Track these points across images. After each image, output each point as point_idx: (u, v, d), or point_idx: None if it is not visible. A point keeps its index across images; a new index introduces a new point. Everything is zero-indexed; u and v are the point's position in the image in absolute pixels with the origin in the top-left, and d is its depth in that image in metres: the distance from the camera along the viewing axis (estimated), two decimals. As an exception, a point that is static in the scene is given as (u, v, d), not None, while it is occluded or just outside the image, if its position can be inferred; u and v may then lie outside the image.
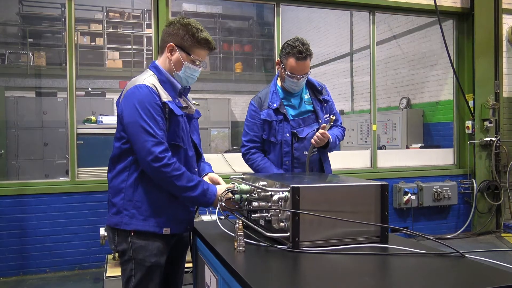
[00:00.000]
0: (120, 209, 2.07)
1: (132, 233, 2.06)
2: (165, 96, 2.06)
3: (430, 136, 7.31)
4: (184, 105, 2.18)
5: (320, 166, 2.88)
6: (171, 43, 2.10)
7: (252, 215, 1.94)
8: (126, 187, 2.07)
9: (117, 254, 2.14)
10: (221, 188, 2.10)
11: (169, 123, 2.06)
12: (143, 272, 2.07)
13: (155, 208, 2.07)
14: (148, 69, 2.18)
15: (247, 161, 2.91)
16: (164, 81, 2.12)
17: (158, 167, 1.94)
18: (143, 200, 2.06)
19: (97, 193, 4.75)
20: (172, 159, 1.98)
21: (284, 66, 2.74)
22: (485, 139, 6.24)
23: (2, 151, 7.54)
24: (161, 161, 1.94)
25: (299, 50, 2.64)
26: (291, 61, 2.68)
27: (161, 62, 2.17)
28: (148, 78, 2.07)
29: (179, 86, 2.16)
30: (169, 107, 2.05)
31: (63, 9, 9.24)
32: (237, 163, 5.35)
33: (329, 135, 2.73)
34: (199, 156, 2.33)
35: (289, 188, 1.75)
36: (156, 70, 2.15)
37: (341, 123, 3.07)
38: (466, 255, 1.66)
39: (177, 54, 2.10)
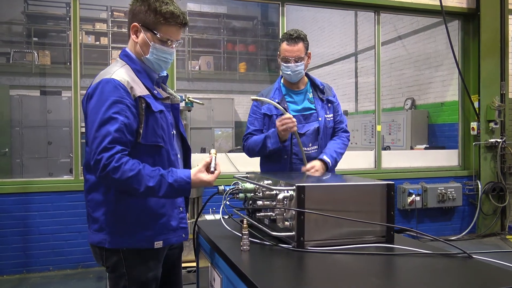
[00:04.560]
0: (103, 225, 1.81)
1: (124, 249, 1.81)
2: (139, 90, 1.79)
3: (435, 137, 7.27)
4: (165, 96, 1.93)
5: None
6: (135, 23, 1.85)
7: (257, 214, 1.93)
8: (108, 201, 1.80)
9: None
10: (197, 170, 1.81)
11: (146, 121, 1.79)
12: (138, 287, 1.85)
13: (143, 221, 1.83)
14: (118, 59, 1.91)
15: (244, 149, 2.91)
16: (139, 71, 1.86)
17: (105, 174, 1.65)
18: (128, 213, 1.80)
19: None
20: (123, 159, 1.67)
21: (280, 53, 2.80)
22: (490, 140, 6.20)
23: (7, 150, 7.57)
24: (106, 168, 1.64)
25: (290, 33, 2.74)
26: (283, 45, 2.76)
27: (130, 47, 1.91)
28: (118, 71, 1.80)
29: (155, 76, 1.92)
30: (146, 101, 1.79)
31: (68, 8, 9.27)
32: (241, 163, 5.35)
33: (328, 159, 2.70)
34: (187, 149, 2.09)
35: (294, 187, 1.74)
36: (128, 59, 1.88)
37: (346, 125, 3.05)
38: (473, 256, 1.64)
39: (142, 35, 1.84)
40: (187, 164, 2.08)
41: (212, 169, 1.82)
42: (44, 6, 9.87)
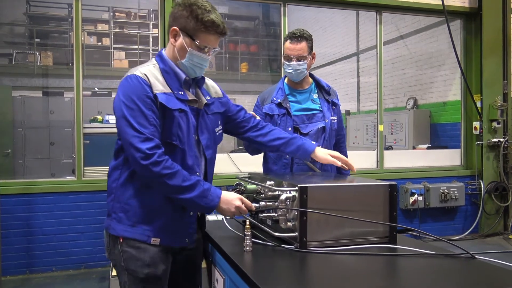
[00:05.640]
0: (110, 211, 1.90)
1: (121, 240, 1.84)
2: (160, 87, 1.82)
3: (437, 136, 7.26)
4: (191, 98, 1.92)
5: (321, 165, 2.85)
6: (175, 27, 1.86)
7: (259, 215, 1.93)
8: (117, 187, 1.88)
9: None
10: (230, 195, 1.84)
11: (163, 118, 1.81)
12: (137, 285, 1.84)
13: (145, 214, 1.83)
14: (153, 58, 1.97)
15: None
16: (167, 71, 1.89)
17: (146, 165, 1.71)
18: (133, 203, 1.84)
19: (104, 192, 4.67)
20: (164, 156, 1.75)
21: (283, 52, 2.81)
22: (493, 140, 6.19)
23: (9, 150, 7.57)
24: (149, 158, 1.71)
25: (294, 32, 2.74)
26: (286, 43, 2.76)
27: (167, 49, 1.95)
28: (144, 68, 1.86)
29: (183, 76, 1.91)
30: (159, 98, 1.80)
31: (70, 9, 9.29)
32: (243, 163, 5.35)
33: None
34: (207, 160, 2.02)
35: (296, 188, 1.74)
36: (160, 59, 1.93)
37: (344, 136, 3.06)
38: (476, 256, 1.64)
39: (180, 40, 1.85)
40: (207, 176, 2.02)
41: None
42: (46, 7, 9.89)
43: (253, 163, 3.56)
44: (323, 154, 2.21)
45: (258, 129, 2.24)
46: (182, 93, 1.88)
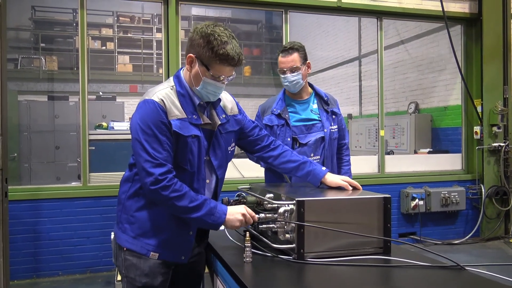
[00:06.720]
0: (117, 220, 2.00)
1: (125, 249, 1.93)
2: (176, 113, 1.86)
3: (438, 141, 7.31)
4: (204, 122, 1.95)
5: None
6: (191, 54, 1.88)
7: (259, 226, 2.00)
8: (125, 199, 1.96)
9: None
10: (234, 208, 1.90)
11: (177, 143, 1.87)
12: None
13: (148, 228, 1.91)
14: (171, 78, 2.01)
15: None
16: (183, 95, 1.92)
17: (156, 189, 1.78)
18: (138, 216, 1.92)
19: (109, 198, 4.84)
20: (173, 180, 1.81)
21: (278, 67, 2.89)
22: (493, 144, 6.24)
23: (15, 154, 7.68)
24: (159, 183, 1.77)
25: (284, 46, 2.85)
26: (279, 58, 2.86)
27: (184, 72, 1.98)
28: (161, 91, 1.89)
29: (197, 101, 1.94)
30: (174, 125, 1.85)
31: (74, 14, 9.39)
32: (245, 168, 5.42)
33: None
34: (218, 180, 2.07)
35: (294, 201, 1.81)
36: (178, 81, 1.95)
37: (347, 144, 3.13)
38: (467, 268, 1.70)
39: (196, 68, 1.88)
40: (216, 195, 2.08)
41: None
42: (51, 12, 10.00)
43: (255, 168, 3.65)
44: (333, 179, 2.20)
45: (270, 149, 2.26)
46: (196, 117, 1.92)
